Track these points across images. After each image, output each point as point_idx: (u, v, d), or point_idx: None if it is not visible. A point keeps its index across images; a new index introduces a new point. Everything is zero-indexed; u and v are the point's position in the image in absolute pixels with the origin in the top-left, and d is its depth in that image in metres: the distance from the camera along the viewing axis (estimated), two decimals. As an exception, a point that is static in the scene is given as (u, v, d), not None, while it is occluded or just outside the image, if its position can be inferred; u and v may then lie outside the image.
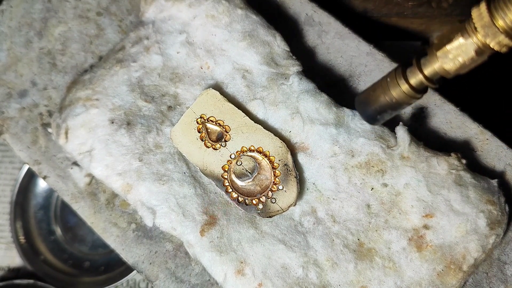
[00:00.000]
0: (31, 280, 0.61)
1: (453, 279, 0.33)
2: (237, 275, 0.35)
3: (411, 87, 0.23)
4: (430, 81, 0.23)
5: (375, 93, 0.25)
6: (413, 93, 0.24)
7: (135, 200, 0.38)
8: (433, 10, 0.48)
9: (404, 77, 0.23)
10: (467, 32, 0.21)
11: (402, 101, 0.24)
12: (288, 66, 0.39)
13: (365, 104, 0.26)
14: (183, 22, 0.40)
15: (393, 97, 0.24)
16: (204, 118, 0.37)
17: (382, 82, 0.25)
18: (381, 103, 0.25)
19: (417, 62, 0.23)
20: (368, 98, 0.26)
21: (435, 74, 0.23)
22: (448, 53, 0.21)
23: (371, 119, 0.27)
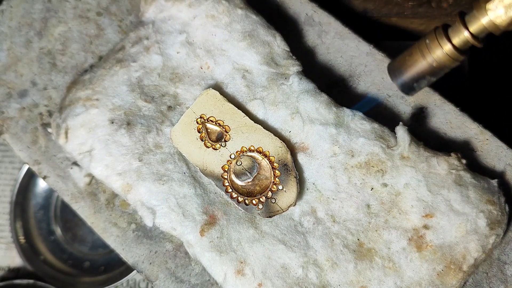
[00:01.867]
0: (31, 280, 0.61)
1: (453, 279, 0.33)
2: (237, 275, 0.35)
3: (455, 47, 0.21)
4: (476, 39, 0.21)
5: (412, 57, 0.23)
6: (457, 54, 0.22)
7: (135, 200, 0.38)
8: (433, 10, 0.48)
9: (446, 36, 0.21)
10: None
11: (443, 64, 0.22)
12: (288, 66, 0.39)
13: (400, 71, 0.24)
14: (183, 22, 0.40)
15: (434, 59, 0.22)
16: (204, 118, 0.37)
17: (420, 45, 0.22)
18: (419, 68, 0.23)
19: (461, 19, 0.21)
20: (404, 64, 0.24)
21: (483, 30, 0.21)
22: (500, 5, 0.20)
23: (406, 88, 0.24)
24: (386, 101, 0.40)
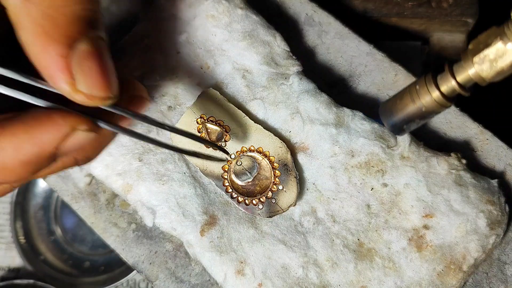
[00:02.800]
0: (31, 280, 0.61)
1: (453, 279, 0.33)
2: (237, 275, 0.35)
3: (442, 94, 0.22)
4: (463, 88, 0.22)
5: (403, 101, 0.24)
6: (444, 101, 0.23)
7: (135, 200, 0.38)
8: (433, 10, 0.48)
9: (435, 83, 0.22)
10: (507, 36, 0.20)
11: (432, 110, 0.23)
12: (288, 66, 0.39)
13: (391, 113, 0.25)
14: (183, 22, 0.40)
15: (423, 105, 0.23)
16: (204, 118, 0.37)
17: (410, 89, 0.24)
18: (409, 112, 0.24)
19: (449, 68, 0.22)
20: (395, 107, 0.25)
21: (469, 80, 0.22)
22: (485, 59, 0.21)
23: (397, 129, 0.25)
24: (386, 101, 0.40)
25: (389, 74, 0.41)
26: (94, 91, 0.23)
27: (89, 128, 0.24)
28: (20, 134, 0.23)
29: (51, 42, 0.22)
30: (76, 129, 0.24)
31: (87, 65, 0.23)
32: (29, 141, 0.23)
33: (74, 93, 0.23)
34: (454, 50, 0.50)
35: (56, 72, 0.22)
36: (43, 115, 0.23)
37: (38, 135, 0.23)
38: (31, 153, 0.23)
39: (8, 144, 0.23)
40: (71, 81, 0.23)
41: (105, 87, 0.24)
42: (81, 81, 0.23)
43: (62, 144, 0.24)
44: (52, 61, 0.22)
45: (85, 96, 0.23)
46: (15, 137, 0.23)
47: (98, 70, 0.23)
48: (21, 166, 0.24)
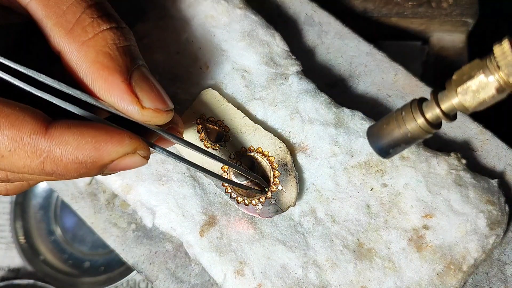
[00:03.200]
0: (31, 280, 0.60)
1: (453, 279, 0.33)
2: (236, 275, 0.35)
3: (427, 121, 0.23)
4: (447, 116, 0.23)
5: (389, 126, 0.25)
6: (429, 127, 0.23)
7: (135, 200, 0.38)
8: (433, 10, 0.48)
9: (420, 110, 0.23)
10: (489, 69, 0.21)
11: (417, 135, 0.24)
12: (288, 66, 0.39)
13: (378, 138, 0.26)
14: (183, 22, 0.40)
15: (408, 131, 0.24)
16: (203, 118, 0.37)
17: (396, 115, 0.24)
18: (394, 136, 0.25)
19: (434, 97, 0.23)
20: (381, 132, 0.25)
21: (453, 109, 0.23)
22: (468, 90, 0.21)
23: (383, 152, 0.26)
24: (386, 101, 0.40)
25: (389, 74, 0.41)
26: (158, 105, 0.27)
27: (146, 155, 0.27)
28: (88, 137, 0.25)
29: (112, 73, 0.26)
30: (136, 152, 0.26)
31: (145, 85, 0.27)
32: (93, 146, 0.25)
33: (142, 110, 0.26)
34: (454, 50, 0.50)
35: (123, 96, 0.26)
36: (113, 129, 0.26)
37: (103, 145, 0.25)
38: (89, 157, 0.25)
39: (73, 141, 0.25)
40: (137, 101, 0.26)
41: (164, 100, 0.27)
42: (145, 98, 0.26)
43: (117, 161, 0.26)
44: (118, 88, 0.26)
45: (152, 112, 0.26)
46: (82, 138, 0.25)
47: (154, 89, 0.27)
48: (74, 164, 0.25)
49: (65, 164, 0.25)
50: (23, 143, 0.24)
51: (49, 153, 0.24)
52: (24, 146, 0.24)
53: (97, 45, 0.26)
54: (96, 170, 0.26)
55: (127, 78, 0.26)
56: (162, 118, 0.27)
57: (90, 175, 0.26)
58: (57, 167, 0.25)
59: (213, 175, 0.31)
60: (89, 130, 0.25)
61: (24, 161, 0.24)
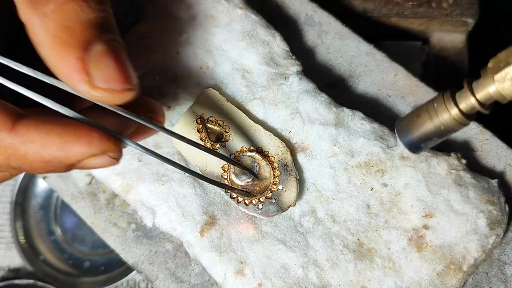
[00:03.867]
0: (31, 280, 0.61)
1: (453, 279, 0.33)
2: (236, 275, 0.35)
3: (461, 112, 0.22)
4: (483, 106, 0.22)
5: (420, 119, 0.24)
6: (463, 118, 0.22)
7: (135, 200, 0.38)
8: (433, 10, 0.48)
9: (454, 101, 0.22)
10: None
11: (450, 128, 0.23)
12: (288, 66, 0.39)
13: (408, 131, 0.25)
14: (183, 22, 0.40)
15: (441, 123, 0.23)
16: (204, 118, 0.37)
17: (428, 107, 0.23)
18: (426, 130, 0.24)
19: (468, 86, 0.22)
20: (412, 125, 0.24)
21: (489, 98, 0.21)
22: (507, 77, 0.20)
23: (414, 147, 0.25)
24: (386, 101, 0.40)
25: (389, 74, 0.41)
26: (112, 84, 0.24)
27: (116, 156, 0.26)
28: (55, 136, 0.24)
29: (67, 48, 0.23)
30: (106, 154, 0.25)
31: (103, 62, 0.24)
32: (59, 146, 0.24)
33: (92, 89, 0.24)
34: (454, 50, 0.50)
35: (73, 75, 0.24)
36: (83, 128, 0.24)
37: (70, 145, 0.24)
38: (55, 157, 0.24)
39: (38, 140, 0.24)
40: (88, 79, 0.24)
41: (123, 79, 0.25)
42: (97, 76, 0.24)
43: (85, 161, 0.25)
44: (69, 65, 0.24)
45: (102, 91, 0.24)
46: (49, 137, 0.24)
47: (115, 66, 0.24)
48: (39, 162, 0.24)
49: (30, 162, 0.24)
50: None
51: (14, 151, 0.24)
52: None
53: (58, 18, 0.23)
54: (63, 169, 0.25)
55: (82, 55, 0.24)
56: (118, 99, 0.25)
57: (58, 172, 0.26)
58: (23, 164, 0.24)
59: (197, 175, 0.30)
60: (57, 128, 0.24)
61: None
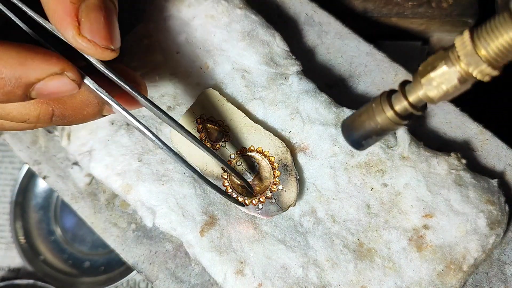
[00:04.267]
0: (31, 280, 0.61)
1: (453, 279, 0.33)
2: (237, 275, 0.35)
3: (396, 113, 0.24)
4: (415, 107, 0.23)
5: (361, 118, 0.25)
6: (398, 119, 0.24)
7: (135, 200, 0.38)
8: (433, 10, 0.48)
9: (389, 103, 0.23)
10: (451, 60, 0.21)
11: (387, 127, 0.24)
12: (288, 66, 0.39)
13: (351, 129, 0.26)
14: (183, 22, 0.40)
15: (378, 123, 0.24)
16: (204, 118, 0.37)
17: (367, 108, 0.25)
18: (366, 128, 0.25)
19: (401, 89, 0.23)
20: (354, 124, 0.26)
21: (420, 101, 0.23)
22: (432, 81, 0.22)
23: (356, 144, 0.27)
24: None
25: (389, 74, 0.41)
26: (97, 39, 0.25)
27: (76, 78, 0.26)
28: (13, 52, 0.24)
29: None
30: (64, 73, 0.25)
31: (94, 15, 0.25)
32: (17, 61, 0.24)
33: (77, 36, 0.25)
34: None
35: (64, 16, 0.24)
36: (43, 49, 0.25)
37: (29, 61, 0.24)
38: (13, 73, 0.24)
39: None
40: (76, 25, 0.25)
41: (108, 37, 0.26)
42: (86, 26, 0.25)
43: (43, 82, 0.25)
44: (63, 6, 0.24)
45: (87, 42, 0.25)
46: (7, 52, 0.24)
47: (104, 22, 0.25)
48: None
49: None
50: None
51: None
52: None
53: None
54: (21, 89, 0.25)
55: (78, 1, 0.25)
56: (97, 53, 0.26)
57: (16, 96, 0.25)
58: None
59: (193, 171, 0.30)
60: (16, 46, 0.24)
61: None
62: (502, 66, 0.21)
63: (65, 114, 0.29)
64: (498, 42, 0.20)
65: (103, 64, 0.27)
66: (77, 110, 0.29)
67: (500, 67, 0.21)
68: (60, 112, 0.29)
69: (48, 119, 0.29)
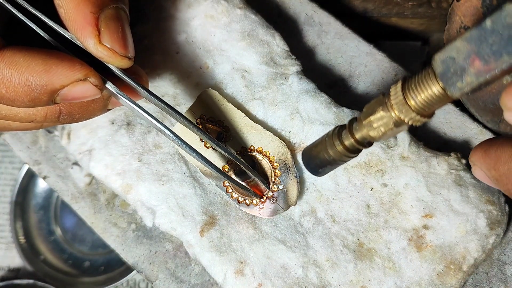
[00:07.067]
0: (31, 280, 0.61)
1: (453, 279, 0.33)
2: (236, 275, 0.35)
3: (345, 148, 0.26)
4: (361, 144, 0.25)
5: (316, 149, 0.28)
6: (347, 153, 0.26)
7: (135, 200, 0.38)
8: (433, 10, 0.48)
9: (339, 138, 0.26)
10: (386, 107, 0.23)
11: (338, 159, 0.27)
12: (288, 66, 0.39)
13: (308, 158, 0.29)
14: (182, 22, 0.40)
15: (331, 155, 0.26)
16: (204, 118, 0.37)
17: (322, 140, 0.27)
18: (321, 159, 0.27)
19: (349, 127, 0.25)
20: (311, 153, 0.28)
21: (364, 138, 0.25)
22: (372, 123, 0.24)
23: (314, 171, 0.29)
24: (386, 101, 0.40)
25: (389, 74, 0.41)
26: (116, 47, 0.27)
27: (98, 83, 0.27)
28: (39, 59, 0.25)
29: (85, 1, 0.26)
30: (87, 79, 0.26)
31: (113, 24, 0.27)
32: (43, 69, 0.25)
33: (98, 45, 0.26)
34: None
35: (85, 25, 0.26)
36: (65, 56, 0.26)
37: (54, 68, 0.25)
38: (39, 80, 0.25)
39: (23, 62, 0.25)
40: (97, 34, 0.26)
41: (125, 46, 0.27)
42: (106, 35, 0.26)
43: (67, 88, 0.26)
44: (83, 16, 0.26)
45: (107, 50, 0.27)
46: (33, 60, 0.25)
47: (121, 31, 0.27)
48: (23, 87, 0.25)
49: (14, 86, 0.25)
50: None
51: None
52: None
53: None
54: (47, 95, 0.26)
55: (97, 11, 0.26)
56: (116, 61, 0.27)
57: (42, 102, 0.26)
58: (7, 89, 0.25)
59: (204, 160, 0.31)
60: (41, 54, 0.25)
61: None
62: (431, 114, 0.22)
63: (72, 112, 0.30)
64: (424, 95, 0.21)
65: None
66: (84, 107, 0.30)
67: (429, 115, 0.22)
68: (67, 110, 0.29)
69: (55, 118, 0.30)
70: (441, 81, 0.21)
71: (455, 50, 0.20)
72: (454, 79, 0.20)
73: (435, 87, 0.21)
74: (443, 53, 0.20)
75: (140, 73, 0.32)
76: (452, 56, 0.20)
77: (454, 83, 0.20)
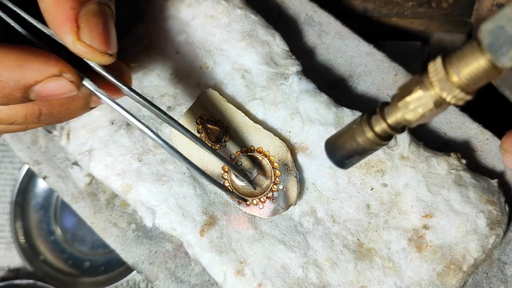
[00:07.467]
0: (31, 280, 0.61)
1: (453, 279, 0.33)
2: (236, 275, 0.35)
3: (376, 134, 0.24)
4: (394, 129, 0.24)
5: (342, 138, 0.26)
6: (378, 140, 0.24)
7: (135, 200, 0.38)
8: (433, 10, 0.48)
9: (369, 124, 0.24)
10: (425, 86, 0.21)
11: (368, 148, 0.25)
12: (288, 66, 0.39)
13: (333, 149, 0.27)
14: (182, 22, 0.40)
15: (359, 143, 0.25)
16: (203, 119, 0.37)
17: (349, 128, 0.25)
18: (348, 148, 0.25)
19: (380, 111, 0.24)
20: (336, 143, 0.26)
21: (398, 123, 0.23)
22: (409, 105, 0.22)
23: (339, 163, 0.27)
24: (386, 101, 0.40)
25: (389, 74, 0.41)
26: (95, 43, 0.26)
27: (74, 79, 0.26)
28: (12, 55, 0.25)
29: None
30: (62, 75, 0.25)
31: (94, 20, 0.26)
32: (16, 64, 0.24)
33: (76, 41, 0.25)
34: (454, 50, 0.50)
35: (64, 21, 0.25)
36: (41, 51, 0.25)
37: (28, 63, 0.25)
38: (12, 76, 0.25)
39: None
40: (76, 30, 0.25)
41: (106, 42, 0.26)
42: (85, 32, 0.25)
43: (41, 84, 0.25)
44: (63, 12, 0.25)
45: (85, 47, 0.25)
46: (7, 55, 0.24)
47: (102, 27, 0.26)
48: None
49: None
50: None
51: None
52: None
53: None
54: (20, 91, 0.25)
55: (78, 7, 0.25)
56: (96, 58, 0.26)
57: (15, 98, 0.26)
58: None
59: (196, 168, 0.30)
60: (15, 49, 0.25)
61: None
62: (475, 91, 0.21)
63: (52, 111, 0.29)
64: (469, 69, 0.20)
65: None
66: (63, 106, 0.29)
67: (473, 92, 0.21)
68: (47, 110, 0.29)
69: (36, 118, 0.29)
70: (489, 52, 0.19)
71: (504, 18, 0.18)
72: (505, 49, 0.19)
73: (482, 60, 0.20)
74: (491, 23, 0.19)
75: (123, 69, 0.31)
76: (501, 25, 0.19)
77: (504, 53, 0.19)
